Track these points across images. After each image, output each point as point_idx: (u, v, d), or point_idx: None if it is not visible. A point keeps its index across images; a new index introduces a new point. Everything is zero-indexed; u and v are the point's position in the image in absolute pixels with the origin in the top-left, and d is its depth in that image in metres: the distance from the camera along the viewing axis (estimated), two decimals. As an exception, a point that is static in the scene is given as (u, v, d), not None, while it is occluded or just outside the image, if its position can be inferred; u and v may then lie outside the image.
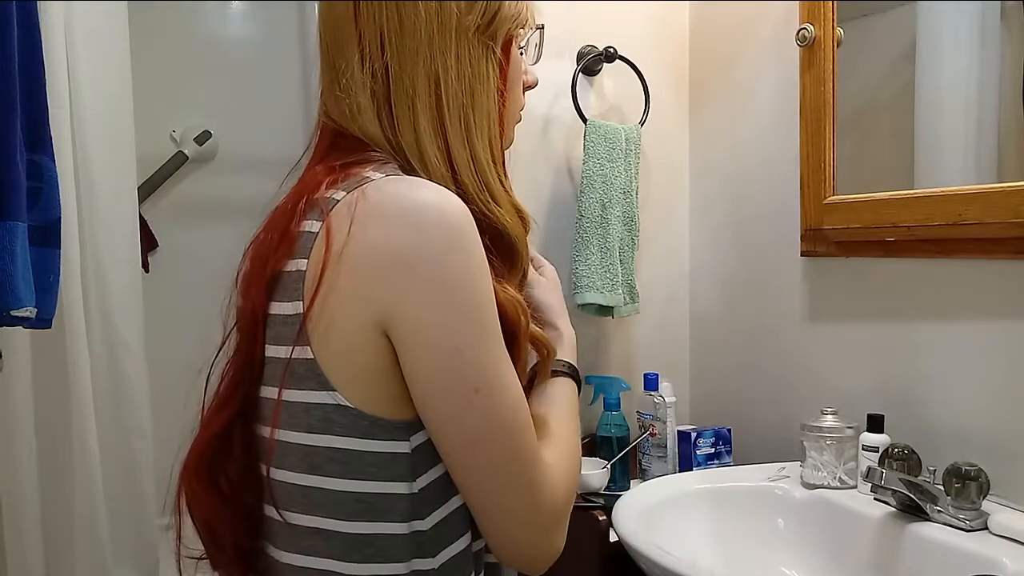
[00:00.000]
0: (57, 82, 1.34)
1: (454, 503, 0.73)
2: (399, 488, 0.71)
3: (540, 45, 0.88)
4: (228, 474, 0.77)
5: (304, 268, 0.70)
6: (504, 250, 0.78)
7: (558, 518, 0.74)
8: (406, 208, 0.68)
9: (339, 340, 0.69)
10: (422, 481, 0.71)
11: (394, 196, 0.69)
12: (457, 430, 0.69)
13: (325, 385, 0.69)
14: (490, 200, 0.77)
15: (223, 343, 0.78)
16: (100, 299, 1.46)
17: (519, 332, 0.75)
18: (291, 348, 0.70)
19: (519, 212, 0.80)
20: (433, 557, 0.72)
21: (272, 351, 0.73)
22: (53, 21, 1.33)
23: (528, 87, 0.87)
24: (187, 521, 0.78)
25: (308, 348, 0.69)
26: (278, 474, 0.73)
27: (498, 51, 0.79)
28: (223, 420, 0.76)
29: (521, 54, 0.84)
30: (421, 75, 0.75)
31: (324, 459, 0.70)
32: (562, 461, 0.76)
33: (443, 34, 0.75)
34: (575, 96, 1.61)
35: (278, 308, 0.73)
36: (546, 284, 0.93)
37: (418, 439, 0.71)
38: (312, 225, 0.71)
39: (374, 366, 0.69)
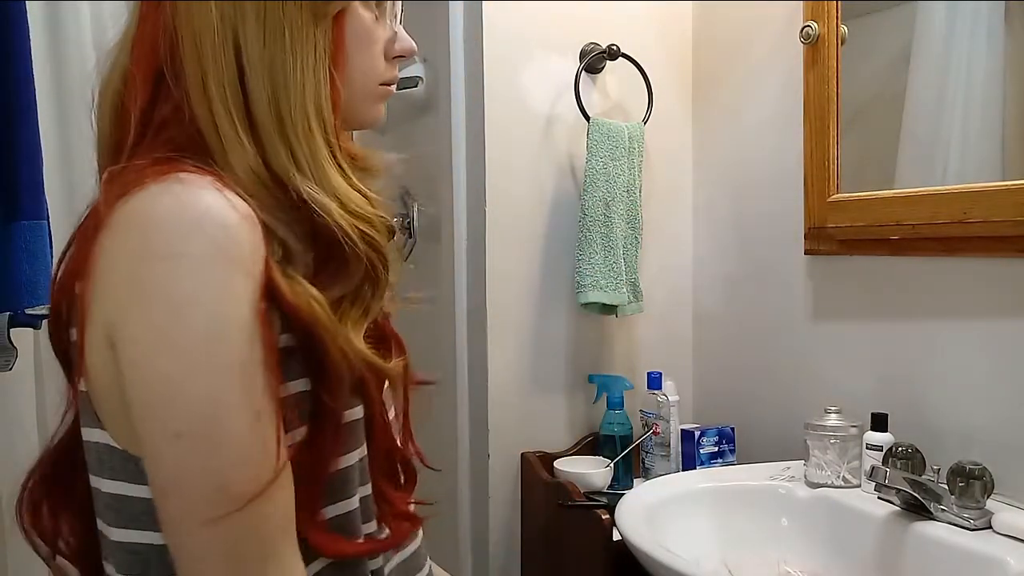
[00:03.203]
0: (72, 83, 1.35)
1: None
2: None
3: (396, 7, 0.72)
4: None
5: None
6: (334, 258, 0.63)
7: None
8: (140, 211, 0.56)
9: (93, 367, 0.59)
10: None
11: (139, 200, 0.56)
12: (155, 475, 0.57)
13: (96, 421, 0.61)
14: (317, 191, 0.62)
15: None
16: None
17: (319, 330, 0.59)
18: (77, 378, 0.62)
19: (362, 215, 0.64)
20: None
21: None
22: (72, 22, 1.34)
23: (398, 56, 0.71)
24: None
25: (84, 379, 0.61)
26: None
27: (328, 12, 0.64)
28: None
29: (376, 19, 0.69)
30: (207, 28, 0.60)
31: (101, 505, 0.63)
32: None
33: None
34: (578, 94, 1.61)
35: (74, 334, 0.62)
36: None
37: None
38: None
39: (125, 398, 0.57)
